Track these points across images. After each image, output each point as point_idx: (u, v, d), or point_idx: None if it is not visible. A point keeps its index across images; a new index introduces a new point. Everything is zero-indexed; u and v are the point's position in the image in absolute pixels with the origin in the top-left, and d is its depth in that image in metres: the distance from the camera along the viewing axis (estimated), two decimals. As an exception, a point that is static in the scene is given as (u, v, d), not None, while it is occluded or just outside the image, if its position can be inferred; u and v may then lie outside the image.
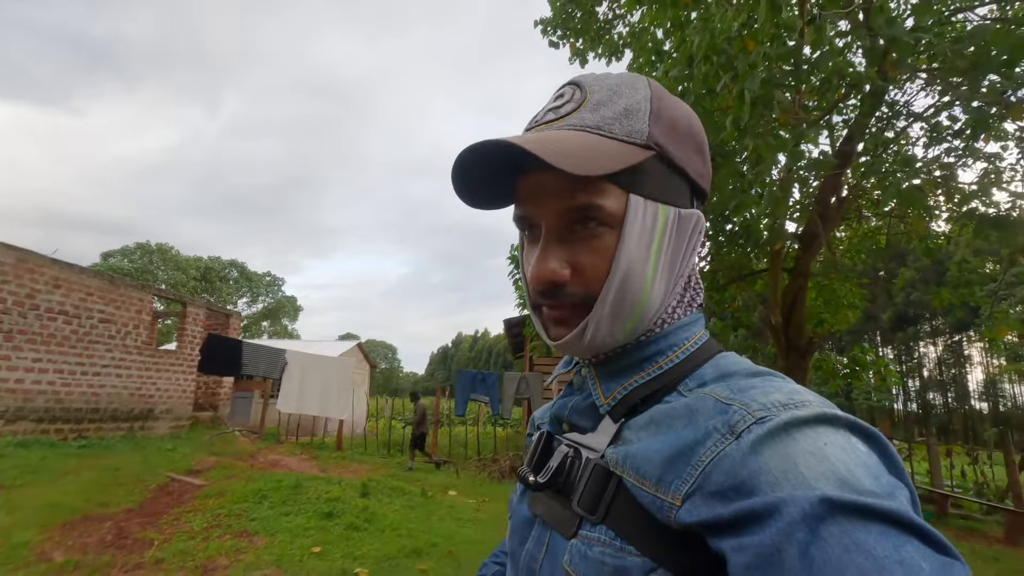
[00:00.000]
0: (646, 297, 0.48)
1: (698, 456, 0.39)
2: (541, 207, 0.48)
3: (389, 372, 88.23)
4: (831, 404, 0.40)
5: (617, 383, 0.51)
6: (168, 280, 41.60)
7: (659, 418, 0.45)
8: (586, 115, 0.48)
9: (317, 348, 19.11)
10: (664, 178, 0.48)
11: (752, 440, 0.37)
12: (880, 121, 5.84)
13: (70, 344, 9.05)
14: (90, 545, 4.21)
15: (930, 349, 44.16)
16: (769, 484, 0.34)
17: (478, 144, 0.44)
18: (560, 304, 0.49)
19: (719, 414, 0.41)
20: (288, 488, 5.98)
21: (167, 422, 11.04)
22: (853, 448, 0.36)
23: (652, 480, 0.42)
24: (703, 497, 0.38)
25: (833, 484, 0.33)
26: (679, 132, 0.50)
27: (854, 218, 8.22)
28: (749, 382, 0.44)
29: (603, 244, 0.47)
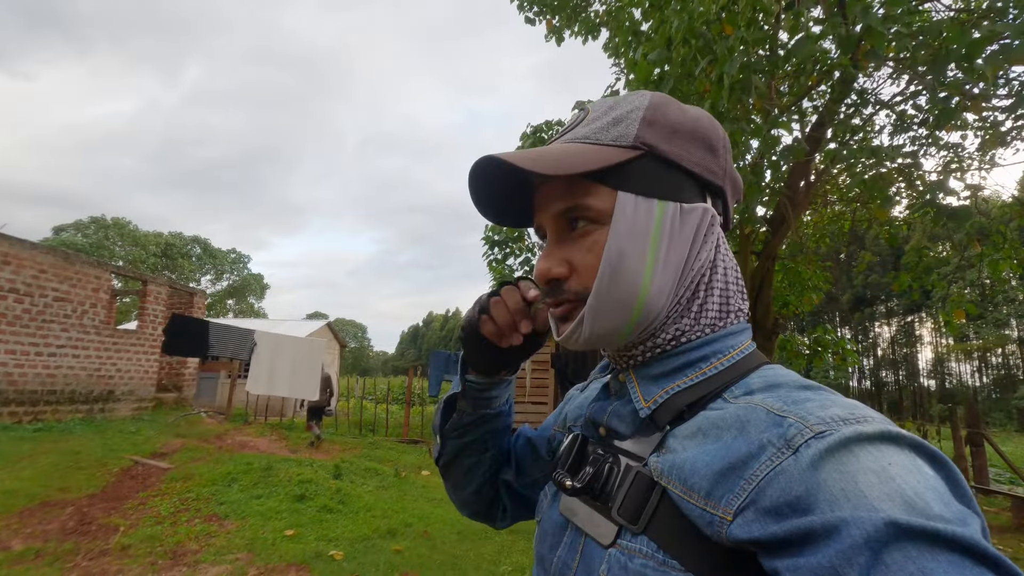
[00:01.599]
0: (644, 290, 0.48)
1: (752, 470, 0.38)
2: (545, 214, 0.53)
3: (359, 351, 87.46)
4: (891, 422, 0.38)
5: (658, 387, 0.50)
6: (126, 256, 40.04)
7: (707, 427, 0.44)
8: (580, 130, 0.52)
9: (285, 327, 18.76)
10: (659, 175, 0.50)
11: (811, 455, 0.36)
12: (849, 108, 5.95)
13: (22, 323, 8.64)
14: (51, 532, 4.09)
15: (884, 329, 46.14)
16: (828, 503, 0.33)
17: (480, 161, 0.49)
18: (561, 300, 0.51)
19: (774, 426, 0.39)
20: (259, 470, 5.90)
21: (129, 404, 10.71)
22: (919, 469, 0.34)
23: (701, 493, 0.40)
24: (756, 513, 0.36)
25: (900, 507, 0.31)
26: (681, 133, 0.50)
27: (820, 203, 8.44)
28: (802, 394, 0.42)
29: (594, 241, 0.49)
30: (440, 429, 0.71)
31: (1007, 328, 37.57)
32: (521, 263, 8.95)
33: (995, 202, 7.12)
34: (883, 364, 46.20)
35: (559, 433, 0.67)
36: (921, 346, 45.24)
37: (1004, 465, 8.33)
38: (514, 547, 4.39)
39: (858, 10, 3.17)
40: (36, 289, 8.88)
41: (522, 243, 8.84)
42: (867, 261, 10.79)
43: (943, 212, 4.53)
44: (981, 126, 5.31)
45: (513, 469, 0.73)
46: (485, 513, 0.76)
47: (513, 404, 0.72)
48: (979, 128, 5.53)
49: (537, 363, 10.80)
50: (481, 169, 0.50)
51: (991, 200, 7.91)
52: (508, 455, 0.75)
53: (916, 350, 44.86)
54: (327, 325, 22.42)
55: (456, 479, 0.73)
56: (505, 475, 0.74)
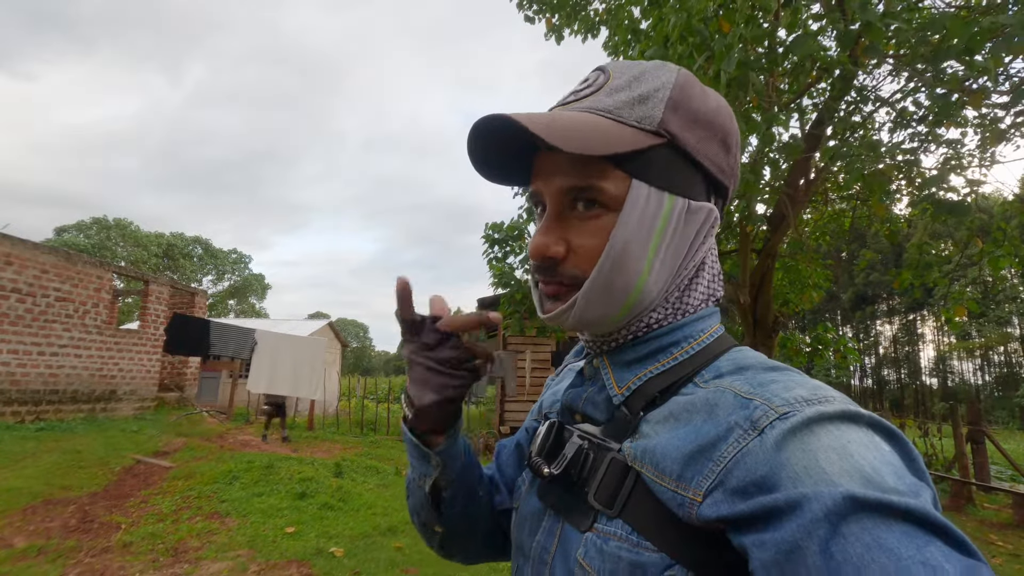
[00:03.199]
0: (641, 283, 0.48)
1: (720, 452, 0.39)
2: (547, 184, 0.50)
3: (361, 351, 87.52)
4: (852, 401, 0.40)
5: (631, 373, 0.50)
6: (128, 257, 40.14)
7: (677, 412, 0.45)
8: (602, 98, 0.48)
9: (287, 327, 18.79)
10: (674, 167, 0.48)
11: (776, 436, 0.37)
12: (848, 105, 5.95)
13: (25, 323, 8.67)
14: (53, 530, 4.11)
15: (886, 328, 46.08)
16: (791, 480, 0.34)
17: (486, 118, 0.45)
18: (553, 280, 0.49)
19: (740, 408, 0.40)
20: (260, 469, 5.92)
21: (131, 403, 10.75)
22: (876, 446, 0.36)
23: (672, 476, 0.42)
24: (725, 493, 0.38)
25: (857, 481, 0.32)
26: (700, 123, 0.49)
27: (820, 200, 8.43)
28: (768, 376, 0.43)
29: (600, 225, 0.47)
30: (435, 521, 0.63)
31: (1009, 326, 37.51)
32: (521, 260, 8.95)
33: (996, 199, 7.11)
34: (885, 362, 46.14)
35: (535, 422, 0.67)
36: (923, 344, 45.20)
37: (1005, 462, 8.33)
38: (514, 544, 4.40)
39: (856, 6, 3.18)
40: (38, 289, 8.91)
41: (522, 241, 8.84)
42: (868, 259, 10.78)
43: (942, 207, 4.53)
44: (981, 123, 5.30)
45: (504, 493, 0.69)
46: (500, 552, 0.71)
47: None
48: (979, 125, 5.53)
49: (537, 362, 10.81)
50: (486, 126, 0.46)
51: (992, 197, 7.89)
52: (493, 484, 0.70)
53: (918, 348, 44.81)
54: (328, 325, 22.46)
55: (462, 546, 0.68)
56: (501, 506, 0.68)
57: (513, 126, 0.44)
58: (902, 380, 45.34)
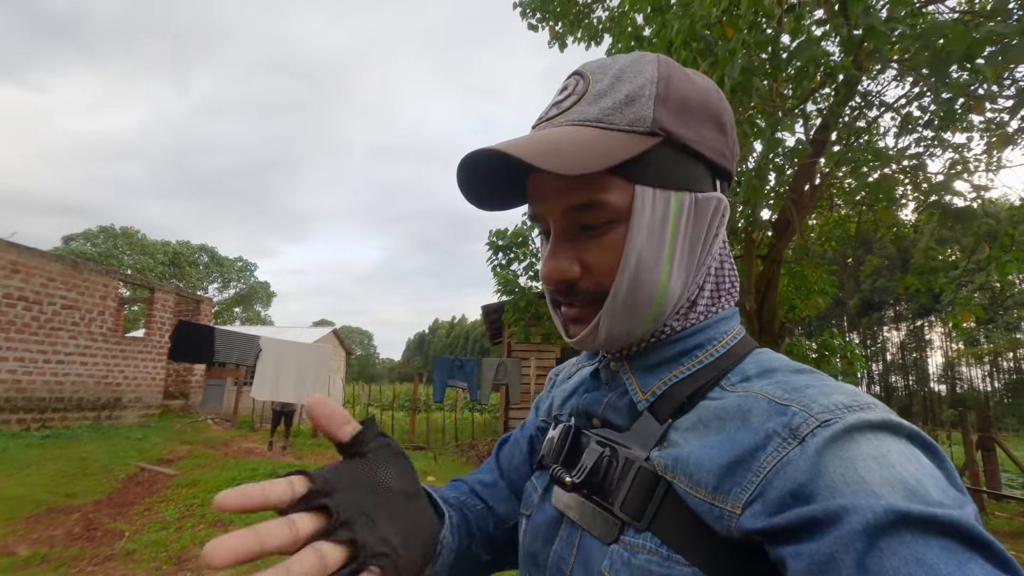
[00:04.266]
0: (663, 289, 0.46)
1: (759, 462, 0.38)
2: (548, 206, 0.48)
3: (365, 358, 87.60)
4: (891, 410, 0.39)
5: (655, 377, 0.49)
6: (134, 265, 40.39)
7: (707, 418, 0.43)
8: (586, 108, 0.46)
9: (291, 334, 18.85)
10: (675, 163, 0.47)
11: (817, 444, 0.35)
12: (853, 110, 5.94)
13: (31, 331, 8.72)
14: (57, 538, 4.11)
15: (893, 334, 45.76)
16: (829, 489, 0.33)
17: (473, 154, 0.44)
18: (574, 302, 0.48)
19: (777, 415, 0.39)
20: (264, 476, 5.90)
21: (136, 411, 10.77)
22: (917, 458, 0.35)
23: (708, 487, 0.40)
24: (764, 505, 0.36)
25: (900, 493, 0.31)
26: (693, 111, 0.47)
27: (826, 206, 8.39)
28: (799, 379, 0.42)
29: (611, 239, 0.46)
30: None
31: (1018, 332, 37.17)
32: (526, 267, 8.94)
33: (1003, 204, 7.07)
34: (893, 369, 45.77)
35: (544, 423, 0.64)
36: (931, 351, 44.82)
37: (1016, 470, 8.21)
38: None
39: (860, 11, 3.17)
40: (45, 297, 8.97)
41: (526, 248, 8.84)
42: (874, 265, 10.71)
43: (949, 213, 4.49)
44: (986, 128, 5.28)
45: (512, 501, 0.65)
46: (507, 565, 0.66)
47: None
48: (985, 129, 5.50)
49: (542, 368, 10.77)
50: (474, 161, 0.45)
51: (999, 203, 7.84)
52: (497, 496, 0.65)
53: (926, 355, 44.44)
54: (333, 332, 22.51)
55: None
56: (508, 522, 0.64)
57: (502, 157, 0.42)
58: (910, 387, 44.95)
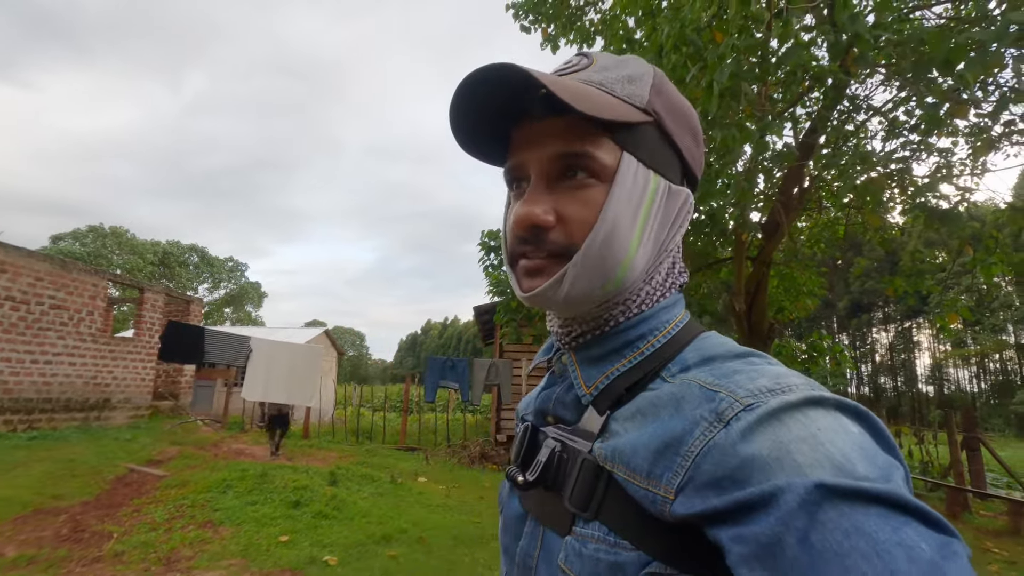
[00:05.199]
0: (630, 259, 0.47)
1: (687, 446, 0.39)
2: (534, 153, 0.48)
3: (357, 359, 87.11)
4: (817, 384, 0.40)
5: (599, 371, 0.50)
6: (123, 265, 39.98)
7: (645, 408, 0.45)
8: (591, 74, 0.49)
9: (283, 335, 18.75)
10: (658, 148, 0.49)
11: (741, 428, 0.37)
12: (841, 114, 6.01)
13: (18, 331, 8.62)
14: (44, 539, 4.07)
15: (882, 335, 46.19)
16: (763, 472, 0.34)
17: (488, 65, 0.44)
18: (539, 252, 0.48)
19: (706, 401, 0.40)
20: (254, 477, 5.88)
21: (125, 412, 10.68)
22: (845, 430, 0.36)
23: (643, 473, 0.41)
24: (696, 488, 0.37)
25: (828, 470, 0.33)
26: (677, 112, 0.51)
27: (814, 208, 8.48)
28: (732, 365, 0.43)
29: (591, 196, 0.47)
30: None
31: (1004, 333, 37.65)
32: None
33: (988, 208, 7.18)
34: (881, 370, 46.21)
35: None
36: (919, 352, 45.29)
37: (1001, 470, 8.33)
38: (510, 553, 4.37)
39: (847, 17, 3.22)
40: (32, 297, 8.87)
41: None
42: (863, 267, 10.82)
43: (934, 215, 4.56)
44: (971, 132, 5.36)
45: None
46: None
47: None
48: (969, 134, 5.59)
49: (533, 370, 10.78)
50: (484, 75, 0.44)
51: (984, 206, 7.96)
52: None
53: (914, 356, 44.90)
54: (325, 333, 22.41)
55: None
56: None
57: (519, 77, 0.43)
58: (899, 388, 45.39)
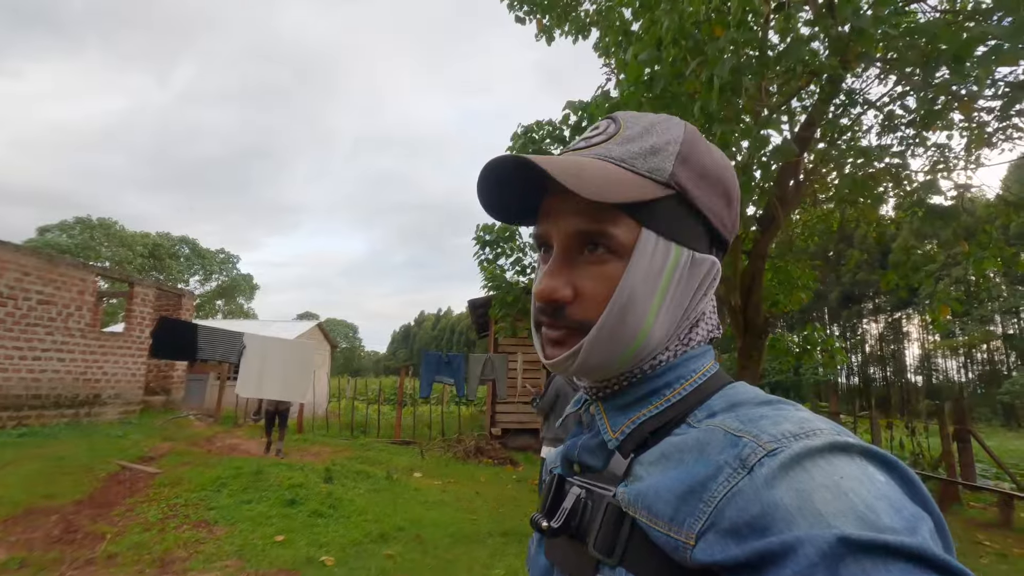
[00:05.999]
0: (645, 332, 0.48)
1: (710, 492, 0.38)
2: (556, 227, 0.50)
3: (350, 351, 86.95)
4: (844, 430, 0.39)
5: (625, 417, 0.50)
6: (112, 257, 39.52)
7: (669, 452, 0.45)
8: (613, 147, 0.49)
9: (276, 328, 18.63)
10: (682, 219, 0.49)
11: (765, 474, 0.36)
12: (837, 108, 5.99)
13: (6, 327, 8.49)
14: (36, 540, 4.02)
15: (872, 326, 46.65)
16: (785, 522, 0.33)
17: (503, 157, 0.46)
18: (558, 324, 0.49)
19: (730, 447, 0.40)
20: (248, 475, 5.84)
21: (116, 407, 10.57)
22: (871, 479, 0.35)
23: (665, 518, 0.41)
24: (717, 535, 0.37)
25: (852, 522, 0.32)
26: (708, 177, 0.50)
27: (809, 202, 8.49)
28: (759, 411, 0.43)
29: (608, 272, 0.48)
30: None
31: (992, 324, 38.12)
32: (512, 263, 8.91)
33: (980, 201, 7.21)
34: (871, 361, 46.70)
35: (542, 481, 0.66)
36: (908, 343, 45.82)
37: (991, 461, 8.44)
38: (507, 550, 4.37)
39: (848, 12, 3.18)
40: (20, 292, 8.73)
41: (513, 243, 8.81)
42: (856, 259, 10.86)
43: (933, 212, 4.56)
44: (967, 126, 5.36)
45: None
46: None
47: None
48: (965, 128, 5.59)
49: (529, 363, 10.79)
50: (501, 164, 0.47)
51: (976, 199, 8.00)
52: None
53: (903, 347, 45.42)
54: (318, 326, 22.29)
55: None
56: None
57: (530, 168, 0.45)
58: (888, 378, 45.92)
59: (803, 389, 35.71)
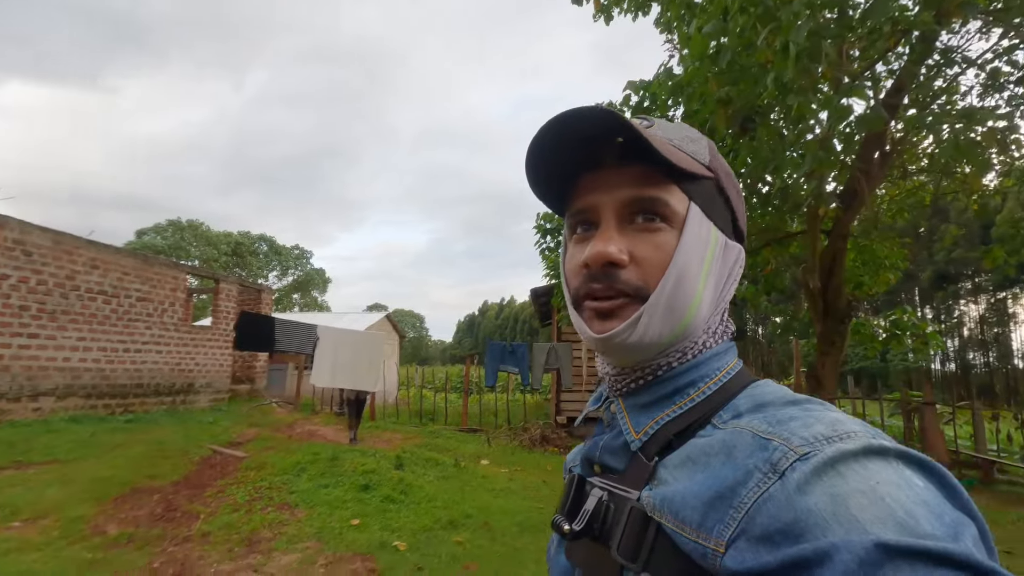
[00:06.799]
0: (696, 305, 0.48)
1: (740, 498, 0.37)
2: (606, 197, 0.49)
3: (418, 341, 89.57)
4: (879, 432, 0.38)
5: (648, 417, 0.49)
6: (200, 256, 42.56)
7: (695, 455, 0.44)
8: (657, 131, 0.51)
9: (347, 320, 19.46)
10: (717, 203, 0.52)
11: (797, 479, 0.35)
12: (930, 69, 5.44)
13: (111, 323, 9.34)
14: (141, 518, 4.40)
15: (971, 307, 42.65)
16: (820, 528, 0.32)
17: (579, 108, 0.46)
18: (611, 292, 0.48)
19: (759, 450, 0.39)
20: (325, 460, 6.13)
21: (207, 395, 11.42)
22: (908, 483, 0.34)
23: (693, 525, 0.40)
24: (748, 542, 0.36)
25: (891, 528, 0.31)
26: (729, 174, 0.54)
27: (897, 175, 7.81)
28: (787, 412, 0.42)
29: (663, 240, 0.48)
30: None
31: (1118, 303, 33.84)
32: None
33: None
34: (970, 345, 42.78)
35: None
36: (1016, 325, 41.50)
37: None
38: (575, 540, 4.34)
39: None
40: (121, 290, 9.57)
41: (575, 230, 8.65)
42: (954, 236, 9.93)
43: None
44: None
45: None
46: None
47: None
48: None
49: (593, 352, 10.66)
50: (575, 115, 0.46)
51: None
52: None
53: (1009, 329, 41.22)
54: (386, 317, 23.08)
55: None
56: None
57: (612, 122, 0.45)
58: (991, 364, 41.93)
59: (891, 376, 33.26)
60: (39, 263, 8.22)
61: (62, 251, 8.58)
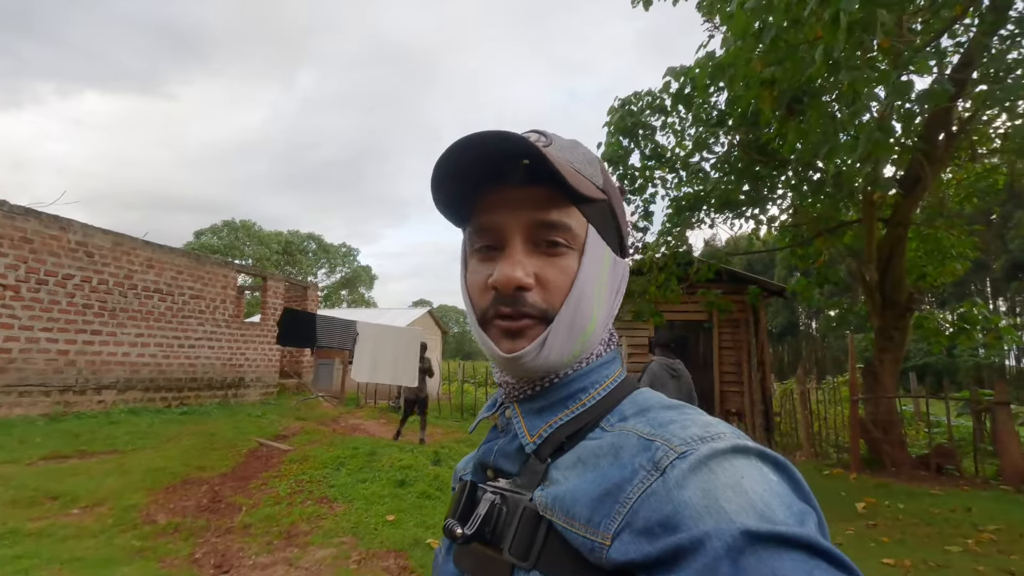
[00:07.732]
0: (594, 323, 0.51)
1: (626, 494, 0.40)
2: (512, 218, 0.50)
3: (462, 336, 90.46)
4: (743, 434, 0.42)
5: (542, 420, 0.51)
6: (253, 255, 44.29)
7: (585, 456, 0.46)
8: (558, 152, 0.52)
9: (389, 316, 19.79)
10: (608, 223, 0.54)
11: (676, 475, 0.38)
12: (1003, 40, 4.98)
13: (166, 320, 9.79)
14: (188, 508, 4.56)
15: (1051, 299, 39.47)
16: (694, 519, 0.35)
17: (486, 132, 0.46)
18: (518, 314, 0.49)
19: (643, 451, 0.42)
20: (364, 455, 6.20)
21: (257, 389, 11.84)
22: (765, 478, 0.38)
23: (582, 521, 0.42)
24: (632, 535, 0.38)
25: (752, 516, 0.34)
26: (616, 190, 0.56)
27: (966, 157, 7.24)
28: (667, 415, 0.45)
29: (567, 264, 0.50)
30: None
31: None
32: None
33: None
34: (1050, 340, 39.65)
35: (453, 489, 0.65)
36: (1102, 318, 38.18)
37: None
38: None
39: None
40: (175, 288, 10.01)
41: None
42: (1029, 221, 9.17)
43: None
44: None
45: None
46: None
47: None
48: None
49: (633, 347, 10.40)
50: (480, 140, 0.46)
51: None
52: None
53: (1095, 323, 37.95)
54: (429, 313, 23.37)
55: None
56: None
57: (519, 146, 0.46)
58: (1073, 360, 38.77)
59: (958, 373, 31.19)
60: (100, 263, 8.69)
61: (121, 252, 9.04)
